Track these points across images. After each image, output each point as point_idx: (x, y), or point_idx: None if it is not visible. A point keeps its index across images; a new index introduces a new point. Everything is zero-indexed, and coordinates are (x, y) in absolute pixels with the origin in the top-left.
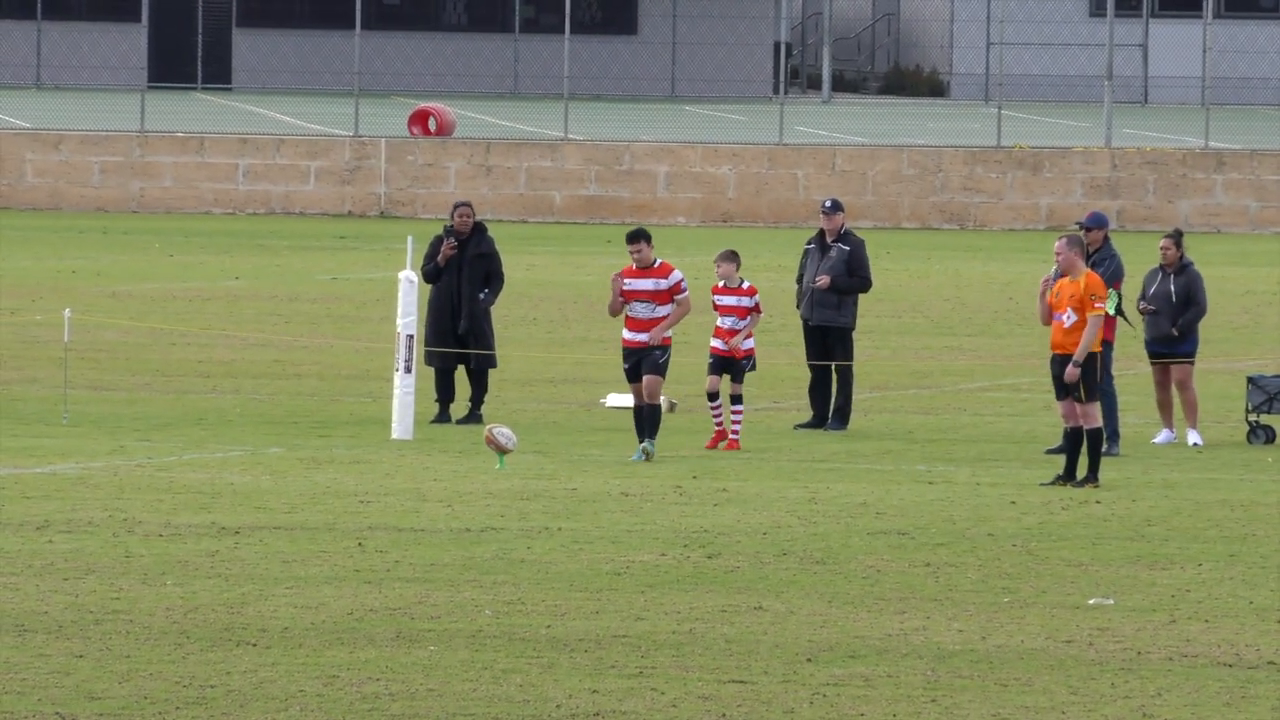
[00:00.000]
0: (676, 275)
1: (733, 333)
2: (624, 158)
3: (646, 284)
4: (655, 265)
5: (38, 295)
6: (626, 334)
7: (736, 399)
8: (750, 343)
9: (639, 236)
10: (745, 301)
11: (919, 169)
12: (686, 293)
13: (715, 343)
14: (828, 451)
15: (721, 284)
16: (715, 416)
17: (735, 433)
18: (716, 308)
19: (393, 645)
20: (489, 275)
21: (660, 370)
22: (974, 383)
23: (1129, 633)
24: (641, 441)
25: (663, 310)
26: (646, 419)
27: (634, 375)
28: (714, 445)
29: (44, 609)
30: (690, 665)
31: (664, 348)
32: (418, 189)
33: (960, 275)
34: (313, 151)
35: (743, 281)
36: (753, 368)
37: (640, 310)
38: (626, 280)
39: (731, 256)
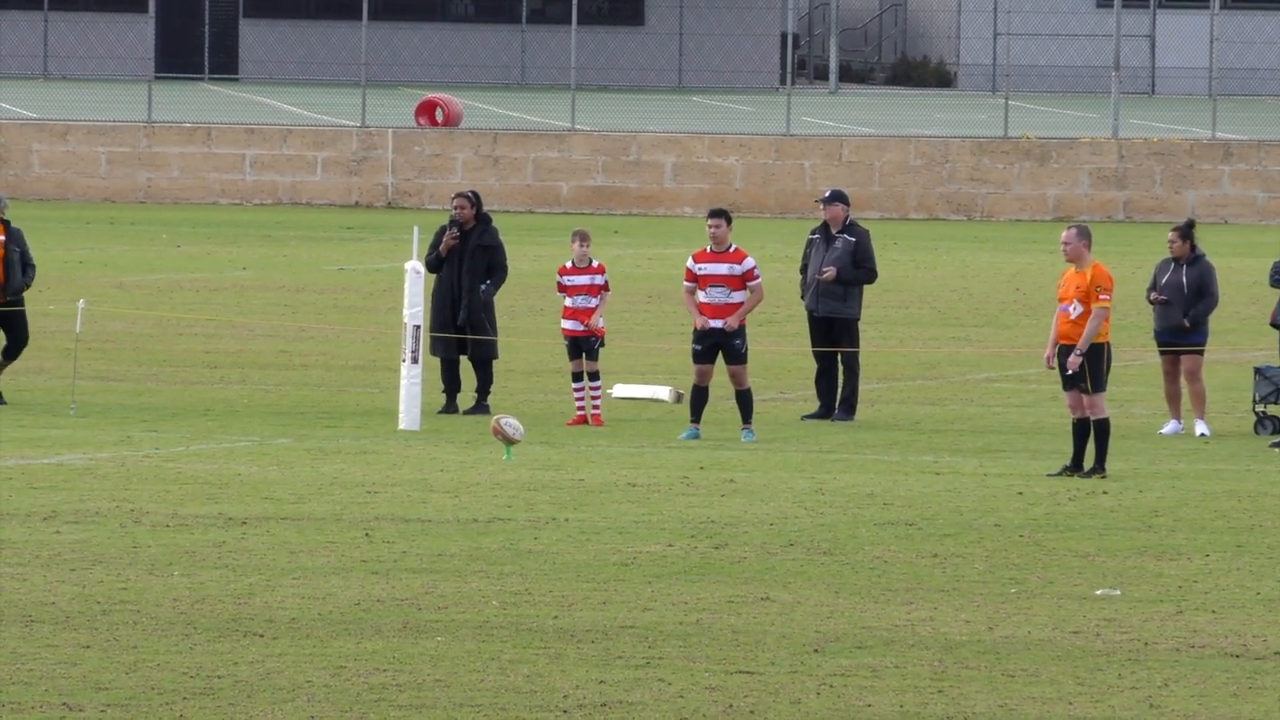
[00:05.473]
0: (750, 262)
1: (586, 311)
2: (631, 148)
3: (721, 268)
4: (730, 250)
5: (45, 286)
6: (700, 318)
7: (594, 376)
8: (602, 320)
9: (721, 213)
10: (598, 280)
11: (926, 160)
12: (760, 279)
13: (568, 324)
14: (835, 442)
15: (571, 263)
16: (578, 398)
17: (596, 409)
18: (565, 288)
19: (400, 636)
20: (491, 266)
21: (744, 359)
22: (981, 373)
23: (1136, 623)
24: (695, 422)
25: (737, 296)
26: (741, 405)
27: (703, 357)
28: (575, 424)
29: (51, 599)
30: (697, 656)
31: (743, 335)
32: (425, 180)
33: (967, 266)
34: (320, 142)
35: (593, 260)
36: (603, 344)
37: (716, 295)
38: (700, 265)
39: (586, 236)
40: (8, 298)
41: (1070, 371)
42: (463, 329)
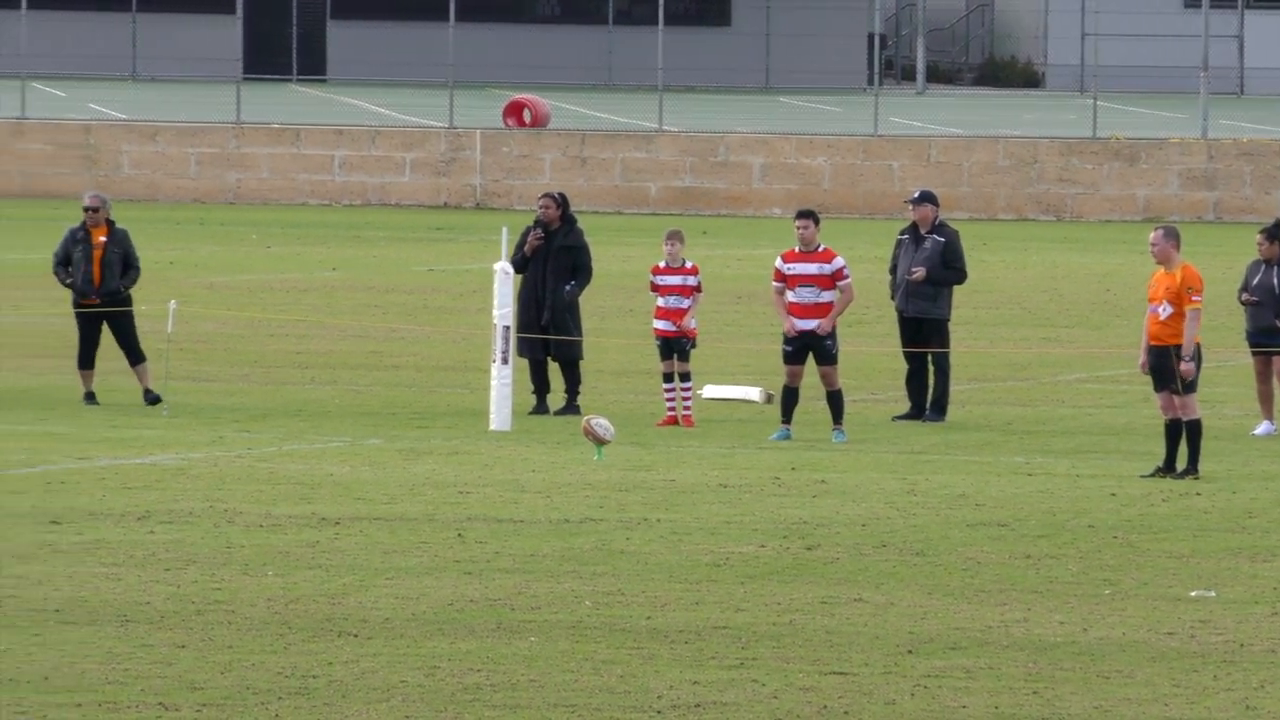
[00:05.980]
0: (839, 261)
1: (678, 312)
2: (719, 149)
3: (810, 268)
4: (819, 250)
5: (136, 287)
6: (789, 320)
7: (684, 377)
8: (694, 321)
9: (809, 214)
10: (690, 280)
11: (1014, 160)
12: (850, 279)
13: (660, 324)
14: (926, 443)
15: (664, 264)
16: (669, 399)
17: (688, 409)
18: (657, 288)
19: (493, 636)
20: (576, 268)
21: (835, 360)
22: (1072, 374)
23: (1231, 625)
24: (786, 422)
25: (826, 295)
26: (832, 406)
27: (794, 359)
28: (666, 425)
29: (146, 599)
30: (790, 656)
31: (834, 336)
32: (513, 180)
33: (1057, 267)
34: (408, 143)
35: (685, 261)
36: (694, 345)
37: (805, 295)
38: (789, 265)
39: (678, 236)
40: (102, 298)
41: (1188, 379)
42: (546, 329)
